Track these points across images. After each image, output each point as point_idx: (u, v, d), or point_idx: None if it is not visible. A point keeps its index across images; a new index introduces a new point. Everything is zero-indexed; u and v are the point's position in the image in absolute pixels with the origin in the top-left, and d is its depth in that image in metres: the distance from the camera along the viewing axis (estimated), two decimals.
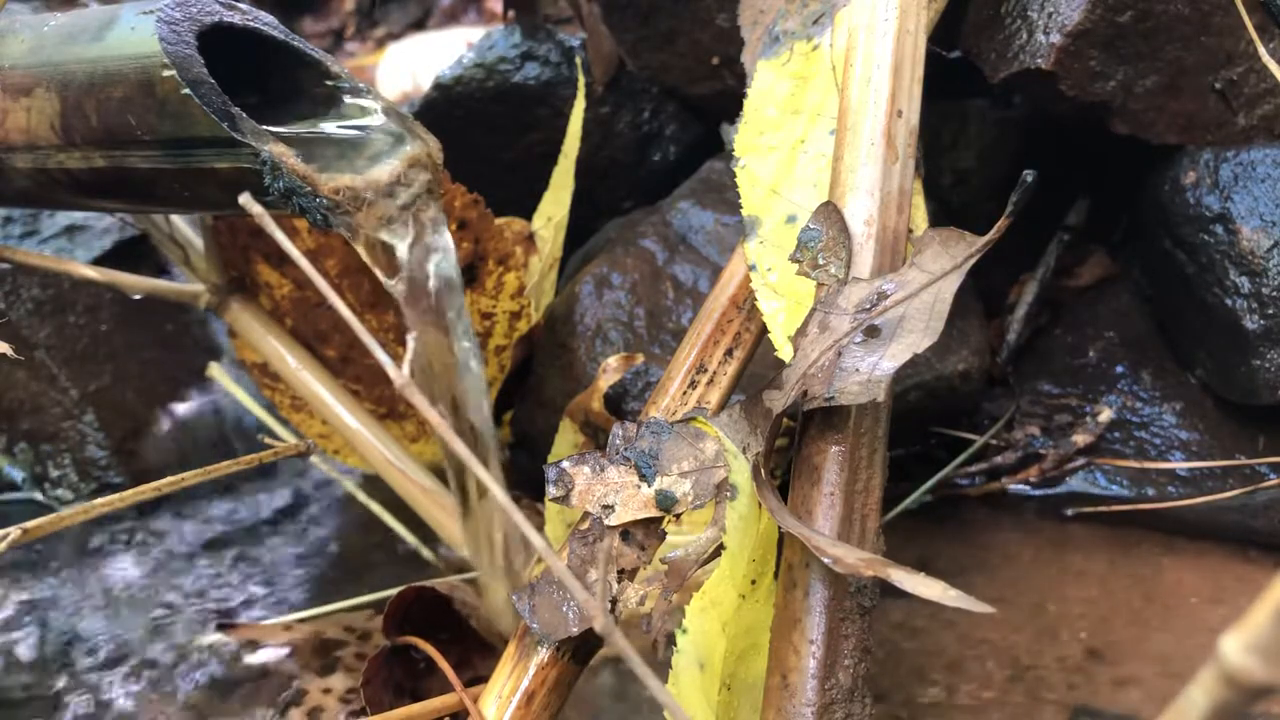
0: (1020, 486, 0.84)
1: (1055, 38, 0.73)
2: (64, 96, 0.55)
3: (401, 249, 0.55)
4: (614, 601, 0.51)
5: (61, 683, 0.74)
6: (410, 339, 0.39)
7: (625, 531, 0.52)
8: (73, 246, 0.98)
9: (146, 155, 0.54)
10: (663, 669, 0.50)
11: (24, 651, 0.77)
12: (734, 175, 0.60)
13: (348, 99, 0.58)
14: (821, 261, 0.51)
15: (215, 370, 0.90)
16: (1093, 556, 0.78)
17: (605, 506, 0.51)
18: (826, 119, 0.59)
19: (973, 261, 0.49)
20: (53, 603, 0.82)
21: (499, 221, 0.81)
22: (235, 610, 0.80)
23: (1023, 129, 0.89)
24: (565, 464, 0.52)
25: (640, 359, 0.78)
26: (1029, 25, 0.75)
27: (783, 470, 0.66)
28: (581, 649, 0.53)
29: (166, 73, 0.50)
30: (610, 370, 0.77)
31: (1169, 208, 0.78)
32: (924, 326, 0.48)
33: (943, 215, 0.87)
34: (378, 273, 0.55)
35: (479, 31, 1.20)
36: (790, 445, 0.52)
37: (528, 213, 0.90)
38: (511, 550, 0.66)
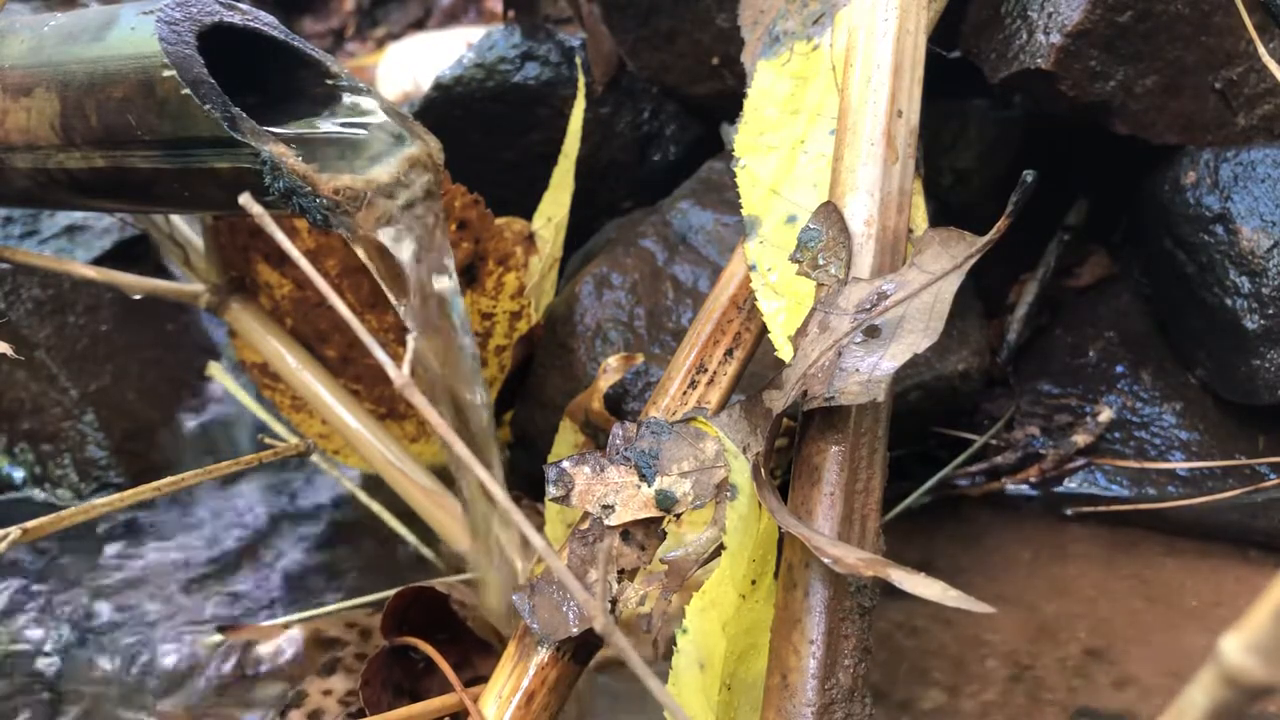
0: (1020, 486, 0.84)
1: (1055, 38, 0.73)
2: (64, 96, 0.55)
3: (403, 252, 0.55)
4: (614, 601, 0.51)
5: (60, 681, 0.74)
6: (410, 339, 0.39)
7: (625, 531, 0.52)
8: (73, 246, 0.98)
9: (146, 155, 0.54)
10: (663, 669, 0.50)
11: (23, 651, 0.77)
12: (734, 175, 0.60)
13: (348, 99, 0.58)
14: (821, 261, 0.51)
15: (215, 370, 0.90)
16: (1092, 557, 0.78)
17: (605, 506, 0.51)
18: (826, 119, 0.59)
19: (973, 261, 0.49)
20: (51, 602, 0.82)
21: (499, 221, 0.81)
22: (235, 610, 0.80)
23: (1023, 129, 0.89)
24: (565, 464, 0.52)
25: (640, 359, 0.78)
26: (1029, 25, 0.75)
27: (783, 470, 0.66)
28: (581, 649, 0.53)
29: (166, 73, 0.50)
30: (610, 370, 0.77)
31: (1169, 208, 0.79)
32: (924, 326, 0.48)
33: (943, 215, 0.87)
34: (379, 279, 0.55)
35: (479, 31, 1.20)
36: (790, 445, 0.52)
37: (528, 213, 0.90)
38: (512, 550, 0.66)
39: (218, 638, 0.77)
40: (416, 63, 1.43)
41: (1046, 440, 0.84)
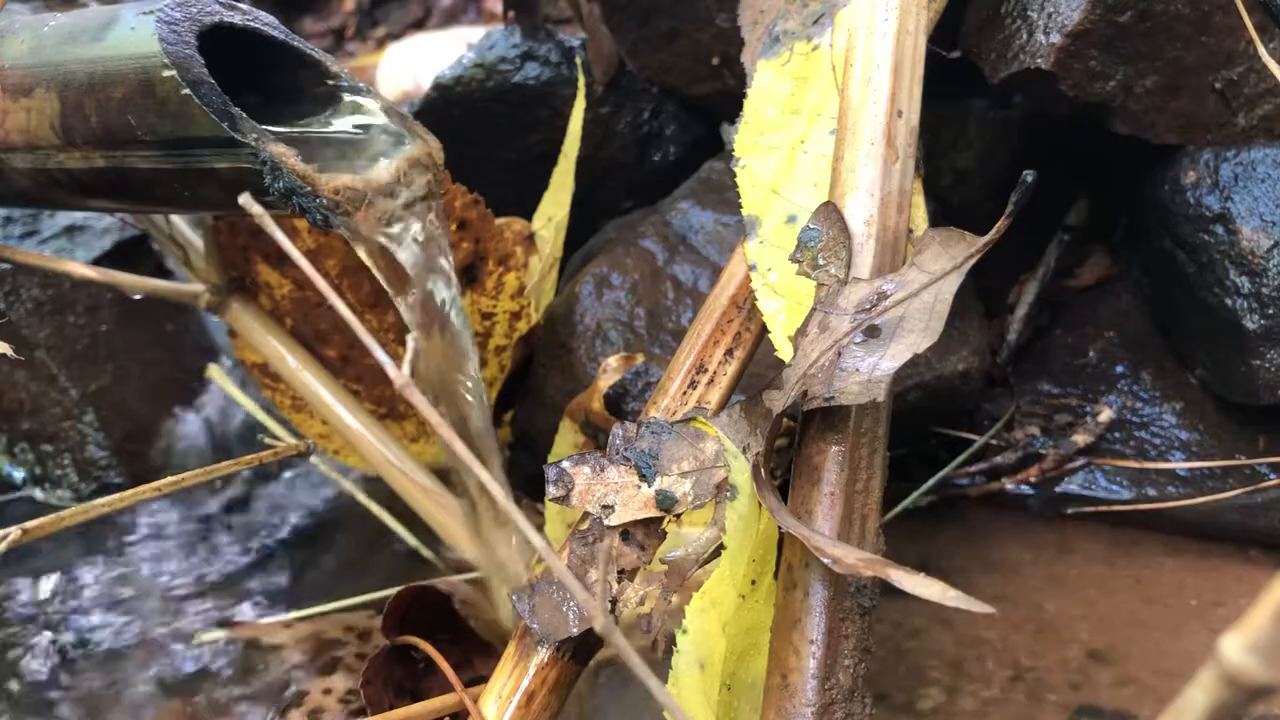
0: (1020, 486, 0.84)
1: (1055, 38, 0.73)
2: (64, 97, 0.55)
3: (403, 254, 0.55)
4: (614, 601, 0.51)
5: (61, 680, 0.74)
6: (410, 339, 0.39)
7: (625, 531, 0.52)
8: (73, 246, 0.98)
9: (146, 155, 0.54)
10: (663, 669, 0.50)
11: (22, 648, 0.77)
12: (734, 175, 0.60)
13: (348, 99, 0.58)
14: (821, 261, 0.51)
15: (214, 371, 0.90)
16: (1092, 557, 0.78)
17: (605, 506, 0.51)
18: (826, 119, 0.59)
19: (973, 261, 0.49)
20: (51, 600, 0.82)
21: (499, 221, 0.81)
22: (236, 608, 0.80)
23: (1023, 129, 0.89)
24: (565, 464, 0.52)
25: (640, 359, 0.78)
26: (1029, 25, 0.75)
27: (783, 470, 0.66)
28: (581, 649, 0.53)
29: (166, 73, 0.50)
30: (610, 370, 0.77)
31: (1169, 208, 0.79)
32: (924, 326, 0.48)
33: (943, 215, 0.87)
34: (380, 279, 0.55)
35: (479, 31, 1.20)
36: (790, 445, 0.52)
37: (528, 213, 0.90)
38: (511, 550, 0.66)
39: (219, 635, 0.77)
40: (416, 63, 1.43)
41: (1046, 440, 0.84)
